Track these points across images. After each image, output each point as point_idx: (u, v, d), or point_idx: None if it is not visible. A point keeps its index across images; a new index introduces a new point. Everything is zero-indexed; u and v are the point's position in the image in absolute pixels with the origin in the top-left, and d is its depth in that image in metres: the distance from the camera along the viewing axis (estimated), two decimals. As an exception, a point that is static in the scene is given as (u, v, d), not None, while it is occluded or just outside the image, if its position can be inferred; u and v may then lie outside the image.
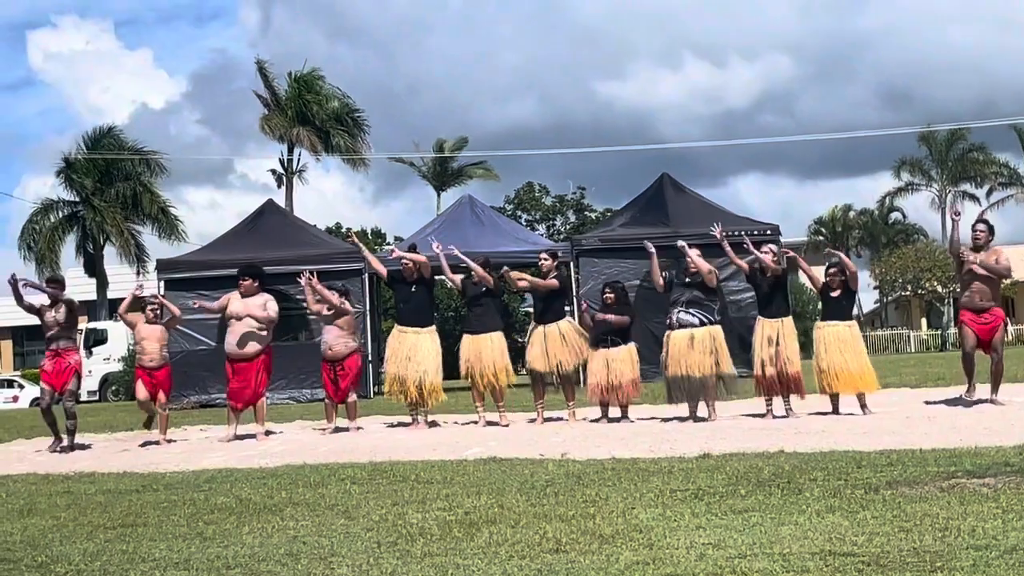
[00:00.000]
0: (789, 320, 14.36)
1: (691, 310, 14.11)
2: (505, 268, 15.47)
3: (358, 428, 15.19)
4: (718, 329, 14.22)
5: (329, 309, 15.22)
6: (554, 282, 15.18)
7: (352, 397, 15.40)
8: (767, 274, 14.34)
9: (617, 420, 14.50)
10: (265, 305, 14.67)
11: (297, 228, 30.66)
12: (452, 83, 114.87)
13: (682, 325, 14.09)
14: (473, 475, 9.38)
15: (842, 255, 14.65)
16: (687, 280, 14.28)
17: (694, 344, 14.00)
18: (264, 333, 14.68)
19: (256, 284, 14.83)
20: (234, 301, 14.76)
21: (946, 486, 7.34)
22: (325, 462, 10.99)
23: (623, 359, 14.56)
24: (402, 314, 15.32)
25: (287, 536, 6.85)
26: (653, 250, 14.52)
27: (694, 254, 14.23)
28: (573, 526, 6.61)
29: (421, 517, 7.25)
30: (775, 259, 14.46)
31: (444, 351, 15.47)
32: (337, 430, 15.08)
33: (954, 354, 13.97)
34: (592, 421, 14.71)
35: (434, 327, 15.44)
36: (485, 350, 15.09)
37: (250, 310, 14.60)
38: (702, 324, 14.06)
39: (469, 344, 15.20)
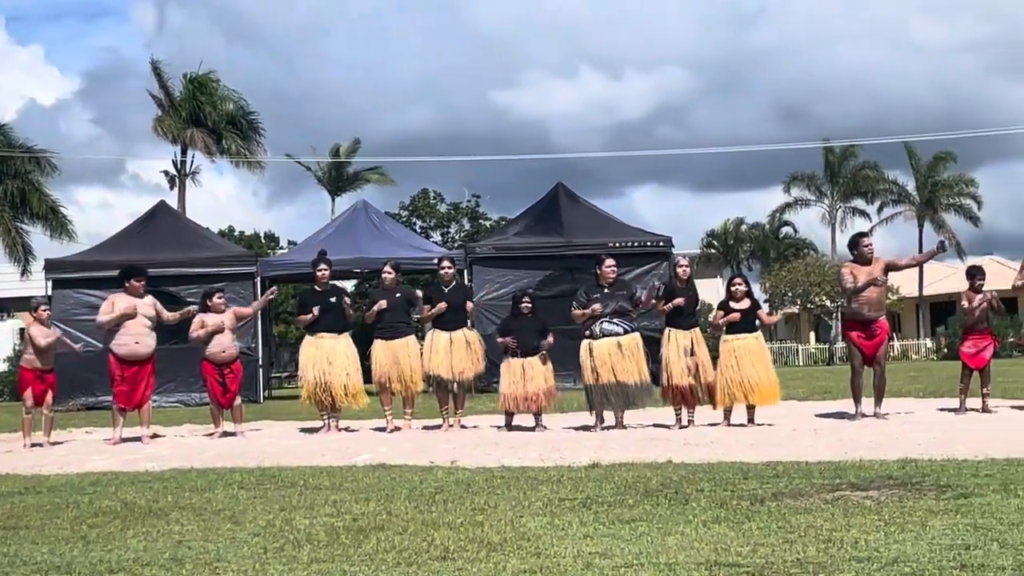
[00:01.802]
0: (699, 331, 14.46)
1: (614, 320, 14.16)
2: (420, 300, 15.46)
3: (242, 433, 15.08)
4: (639, 336, 14.31)
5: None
6: (470, 305, 15.56)
7: (238, 400, 15.30)
8: (685, 285, 14.39)
9: (531, 429, 14.40)
10: (155, 305, 14.62)
11: (189, 230, 30.40)
12: (349, 89, 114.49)
13: (606, 334, 14.12)
14: (362, 481, 9.36)
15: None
16: (606, 290, 14.31)
17: (623, 351, 14.05)
18: (154, 333, 14.56)
19: (144, 284, 14.76)
20: (121, 300, 14.57)
21: (830, 498, 7.44)
22: (212, 466, 10.90)
23: (540, 367, 14.56)
24: (317, 322, 15.17)
25: (172, 541, 6.77)
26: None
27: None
28: (461, 533, 6.62)
29: (308, 523, 7.21)
30: (686, 271, 14.51)
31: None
32: (225, 434, 14.95)
33: (841, 368, 14.16)
34: (497, 428, 14.66)
35: (348, 333, 15.43)
36: (399, 355, 15.06)
37: (143, 310, 14.47)
38: (626, 332, 14.13)
39: (383, 349, 15.14)
